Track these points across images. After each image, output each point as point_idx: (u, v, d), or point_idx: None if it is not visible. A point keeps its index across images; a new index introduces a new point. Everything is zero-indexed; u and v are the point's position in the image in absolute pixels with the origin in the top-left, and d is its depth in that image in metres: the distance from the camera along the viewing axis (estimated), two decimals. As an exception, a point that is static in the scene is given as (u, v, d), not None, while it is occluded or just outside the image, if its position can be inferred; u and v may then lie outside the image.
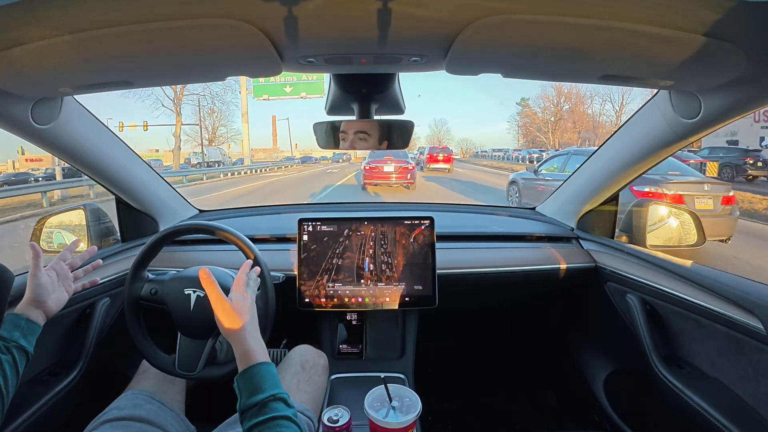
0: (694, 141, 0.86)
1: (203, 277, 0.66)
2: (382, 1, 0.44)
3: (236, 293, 0.67)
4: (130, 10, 0.45)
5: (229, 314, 0.64)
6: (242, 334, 0.63)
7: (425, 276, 1.03)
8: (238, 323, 0.64)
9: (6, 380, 0.58)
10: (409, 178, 10.03)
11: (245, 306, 0.67)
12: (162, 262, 1.07)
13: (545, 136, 36.74)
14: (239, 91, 26.38)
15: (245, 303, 0.67)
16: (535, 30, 0.50)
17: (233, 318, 0.64)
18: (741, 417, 0.71)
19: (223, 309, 0.64)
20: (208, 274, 0.66)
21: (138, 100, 48.36)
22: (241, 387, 0.58)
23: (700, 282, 0.80)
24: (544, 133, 36.96)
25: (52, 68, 0.59)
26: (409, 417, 0.68)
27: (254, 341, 0.63)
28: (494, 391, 1.54)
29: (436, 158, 16.00)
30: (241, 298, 0.67)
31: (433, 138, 58.85)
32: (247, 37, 0.50)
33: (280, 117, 72.61)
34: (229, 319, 0.64)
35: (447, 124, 76.33)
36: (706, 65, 0.58)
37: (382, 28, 0.50)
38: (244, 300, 0.67)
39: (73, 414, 0.88)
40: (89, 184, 10.34)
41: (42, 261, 0.71)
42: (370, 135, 0.81)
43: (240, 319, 0.64)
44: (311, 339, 1.07)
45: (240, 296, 0.67)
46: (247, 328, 0.64)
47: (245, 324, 0.64)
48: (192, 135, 31.60)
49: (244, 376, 0.59)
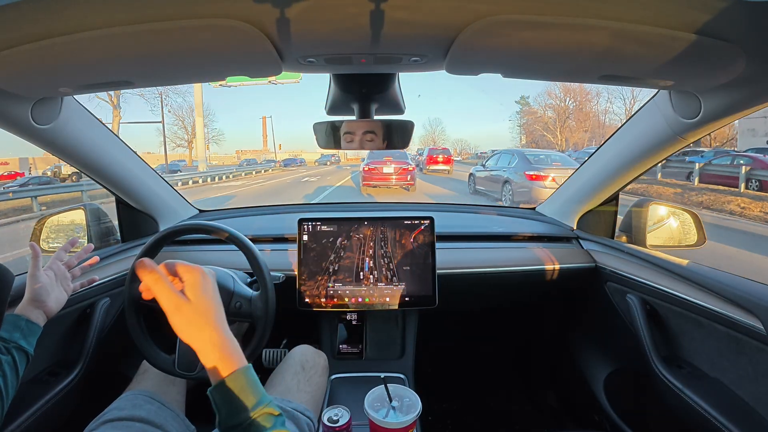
0: (693, 141, 0.86)
1: (142, 270, 0.49)
2: (383, 1, 0.44)
3: (192, 280, 0.51)
4: (131, 10, 0.45)
5: (192, 317, 0.49)
6: (214, 338, 0.49)
7: (425, 276, 1.03)
8: (206, 326, 0.49)
9: (6, 381, 0.58)
10: (409, 180, 9.93)
11: (208, 296, 0.51)
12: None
13: (552, 135, 35.76)
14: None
15: (207, 292, 0.51)
16: (535, 30, 0.50)
17: (198, 320, 0.49)
18: (741, 417, 0.71)
19: (180, 313, 0.48)
20: (146, 264, 0.49)
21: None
22: (218, 402, 0.47)
23: (700, 282, 0.80)
24: (551, 132, 36.01)
25: (52, 68, 0.59)
26: (409, 417, 0.68)
27: (227, 343, 0.49)
28: (494, 391, 1.54)
29: (436, 159, 16.00)
30: (201, 286, 0.51)
31: (428, 138, 57.93)
32: (247, 37, 0.50)
33: (263, 115, 70.94)
34: (193, 324, 0.49)
35: (442, 123, 75.61)
36: (706, 65, 0.58)
37: (382, 28, 0.50)
38: (205, 288, 0.51)
39: (73, 414, 0.88)
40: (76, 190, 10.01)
41: (41, 261, 0.71)
42: (370, 135, 0.81)
43: (207, 320, 0.49)
44: (311, 339, 1.07)
45: (198, 284, 0.51)
46: (218, 328, 0.50)
47: (216, 322, 0.50)
48: (170, 136, 28.97)
49: (220, 391, 0.47)
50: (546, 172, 7.13)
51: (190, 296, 0.50)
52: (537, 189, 7.01)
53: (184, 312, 0.48)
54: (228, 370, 0.47)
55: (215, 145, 35.97)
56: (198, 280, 0.51)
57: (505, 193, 7.96)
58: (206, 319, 0.49)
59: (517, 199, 7.40)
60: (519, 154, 8.07)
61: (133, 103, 52.53)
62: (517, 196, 7.48)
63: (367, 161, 10.35)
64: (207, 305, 0.50)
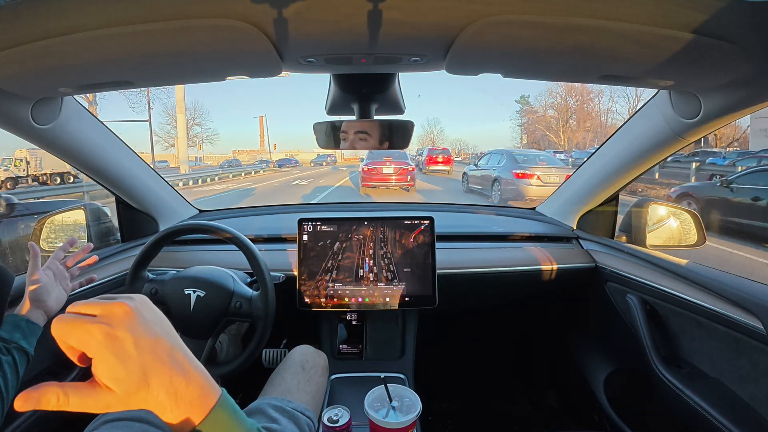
0: (693, 141, 0.86)
1: (58, 326, 0.31)
2: (382, 1, 0.44)
3: (120, 312, 0.32)
4: (131, 10, 0.45)
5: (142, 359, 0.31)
6: (183, 378, 0.33)
7: (425, 276, 1.03)
8: (165, 371, 0.32)
9: (6, 381, 0.58)
10: (409, 180, 9.83)
11: (154, 326, 0.34)
12: (162, 262, 1.07)
13: (555, 135, 35.06)
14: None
15: (151, 322, 0.34)
16: (535, 30, 0.50)
17: (157, 366, 0.32)
18: (741, 417, 0.71)
19: (122, 356, 0.31)
20: (62, 321, 0.32)
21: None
22: None
23: (700, 282, 0.80)
24: (554, 132, 35.30)
25: (52, 68, 0.59)
26: (409, 417, 0.67)
27: (193, 377, 0.33)
28: (494, 391, 1.54)
29: (436, 160, 16.01)
30: (140, 312, 0.34)
31: (426, 138, 57.29)
32: (247, 37, 0.50)
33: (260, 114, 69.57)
34: (149, 367, 0.32)
35: (440, 123, 74.64)
36: (706, 65, 0.58)
37: (382, 28, 0.50)
38: (144, 314, 0.34)
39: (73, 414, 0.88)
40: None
41: (40, 261, 0.71)
42: (371, 135, 0.81)
43: (165, 363, 0.32)
44: (311, 339, 1.07)
45: (134, 311, 0.33)
46: (182, 364, 0.34)
47: (174, 360, 0.33)
48: (163, 136, 27.39)
49: None
50: (532, 170, 7.58)
51: (130, 335, 0.32)
52: (523, 186, 7.50)
53: (126, 352, 0.31)
54: (206, 410, 0.33)
55: (209, 145, 34.35)
56: (129, 311, 0.33)
57: (494, 190, 8.36)
58: (160, 354, 0.33)
59: (505, 197, 7.86)
60: (507, 154, 8.50)
61: (114, 100, 49.92)
62: (505, 193, 7.92)
63: (366, 161, 10.24)
64: (155, 335, 0.33)
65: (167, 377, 0.32)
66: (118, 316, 0.32)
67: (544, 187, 7.21)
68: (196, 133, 29.75)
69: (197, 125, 29.47)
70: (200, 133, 30.43)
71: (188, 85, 8.26)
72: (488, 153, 9.76)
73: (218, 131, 65.08)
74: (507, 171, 7.94)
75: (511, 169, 7.84)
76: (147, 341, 0.32)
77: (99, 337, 0.31)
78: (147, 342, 0.32)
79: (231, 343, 0.99)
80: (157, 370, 0.32)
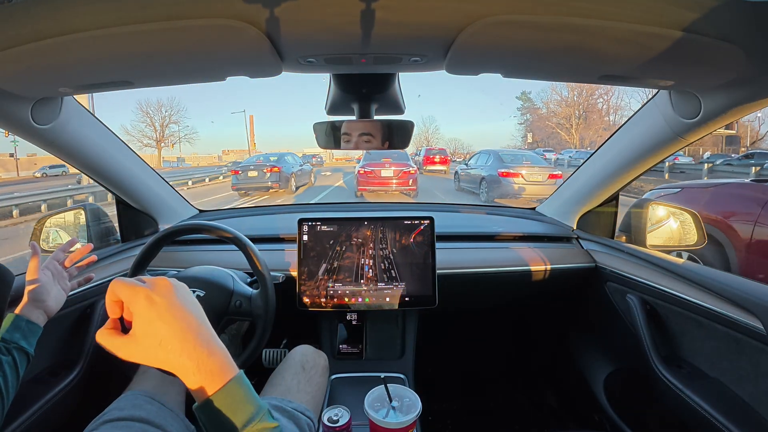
0: (693, 141, 0.86)
1: (119, 287, 0.39)
2: (383, 1, 0.44)
3: (159, 288, 0.40)
4: (131, 10, 0.45)
5: (173, 336, 0.38)
6: (206, 349, 0.39)
7: (425, 276, 1.03)
8: (191, 339, 0.38)
9: (6, 381, 0.58)
10: (411, 184, 8.67)
11: (186, 303, 0.41)
12: (162, 262, 1.07)
13: (567, 132, 33.48)
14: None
15: (184, 299, 0.41)
16: (535, 30, 0.50)
17: (185, 334, 0.38)
18: (741, 417, 0.71)
19: (155, 316, 0.38)
20: (119, 281, 0.39)
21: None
22: (205, 421, 0.38)
23: (700, 282, 0.80)
24: (566, 129, 33.60)
25: (51, 68, 0.59)
26: (409, 417, 0.67)
27: (216, 351, 0.39)
28: (494, 391, 1.54)
29: (433, 160, 16.03)
30: (177, 290, 0.41)
31: (421, 137, 56.24)
32: (247, 37, 0.50)
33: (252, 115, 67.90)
34: (176, 335, 0.38)
35: (436, 122, 73.58)
36: (706, 65, 0.58)
37: (382, 28, 0.50)
38: (181, 291, 0.42)
39: (73, 414, 0.88)
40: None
41: (40, 261, 0.71)
42: (370, 135, 0.81)
43: (192, 332, 0.39)
44: (311, 339, 1.07)
45: (174, 287, 0.41)
46: (208, 339, 0.40)
47: (200, 333, 0.40)
48: (136, 135, 24.89)
49: (207, 410, 0.38)
50: (516, 170, 7.99)
51: (166, 301, 0.39)
52: (508, 185, 7.96)
53: (158, 332, 0.37)
54: (219, 384, 0.38)
55: (190, 145, 31.32)
56: (168, 285, 0.41)
57: (482, 189, 8.74)
58: (191, 329, 0.39)
59: (492, 194, 8.29)
60: (494, 154, 8.93)
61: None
62: (491, 191, 8.33)
63: (362, 163, 9.00)
64: (186, 313, 0.40)
65: (191, 344, 0.38)
66: (159, 286, 0.41)
67: (528, 185, 7.83)
68: (173, 132, 27.34)
69: (174, 123, 27.14)
70: (177, 132, 27.92)
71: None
72: (478, 153, 10.16)
73: (197, 129, 59.96)
74: (493, 170, 8.35)
75: (497, 169, 8.26)
76: (178, 311, 0.39)
77: (141, 296, 0.39)
78: (178, 311, 0.39)
79: (231, 343, 0.99)
80: (183, 337, 0.38)
